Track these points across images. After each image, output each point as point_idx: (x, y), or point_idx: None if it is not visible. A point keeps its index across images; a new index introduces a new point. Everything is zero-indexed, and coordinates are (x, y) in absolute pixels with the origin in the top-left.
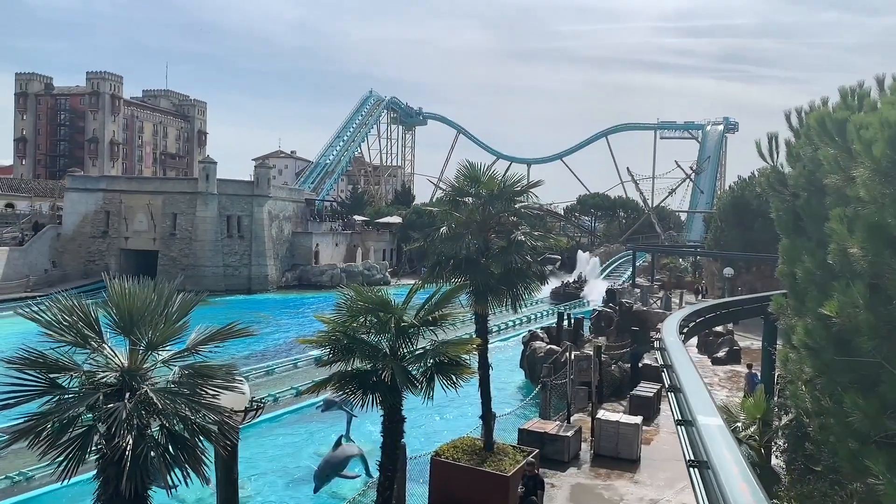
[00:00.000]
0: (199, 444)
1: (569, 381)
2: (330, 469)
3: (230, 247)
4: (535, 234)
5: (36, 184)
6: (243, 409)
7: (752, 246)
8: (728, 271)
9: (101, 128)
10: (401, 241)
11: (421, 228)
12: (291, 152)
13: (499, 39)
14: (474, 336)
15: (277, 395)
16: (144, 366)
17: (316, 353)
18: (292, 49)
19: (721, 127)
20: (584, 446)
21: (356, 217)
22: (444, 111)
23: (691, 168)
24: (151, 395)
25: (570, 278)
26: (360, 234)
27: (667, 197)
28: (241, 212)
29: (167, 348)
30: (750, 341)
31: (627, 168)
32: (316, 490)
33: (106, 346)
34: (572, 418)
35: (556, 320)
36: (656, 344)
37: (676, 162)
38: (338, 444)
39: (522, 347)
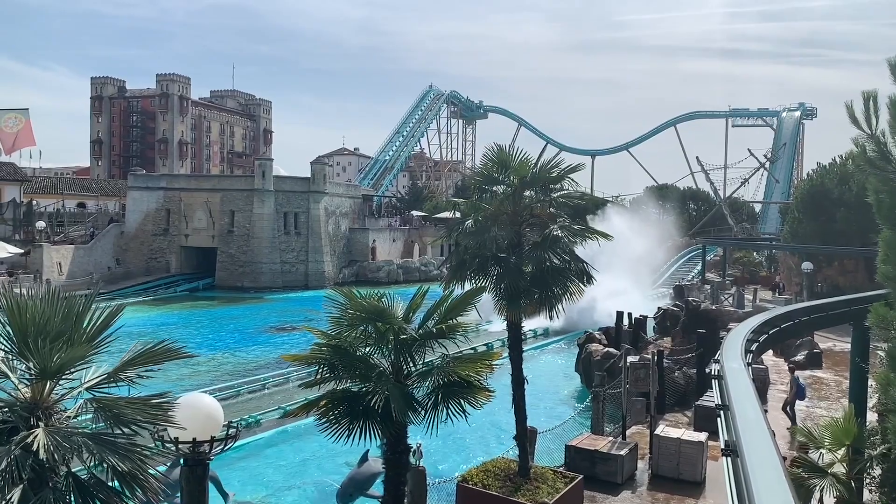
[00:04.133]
0: (128, 492)
1: (623, 392)
2: (354, 487)
3: (287, 243)
4: (575, 227)
5: (105, 183)
6: (209, 438)
7: (834, 238)
8: (807, 266)
9: (170, 128)
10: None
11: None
12: (355, 149)
13: (562, 32)
14: (506, 345)
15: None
16: (52, 397)
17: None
18: (356, 48)
19: (797, 113)
20: (641, 465)
21: (414, 212)
22: (506, 106)
23: (765, 156)
24: (41, 437)
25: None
26: (417, 230)
27: (739, 187)
28: (297, 208)
29: (69, 377)
30: (832, 342)
31: (697, 158)
32: None
33: (11, 375)
34: (629, 432)
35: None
36: (713, 368)
37: (750, 150)
38: (364, 458)
39: (578, 350)
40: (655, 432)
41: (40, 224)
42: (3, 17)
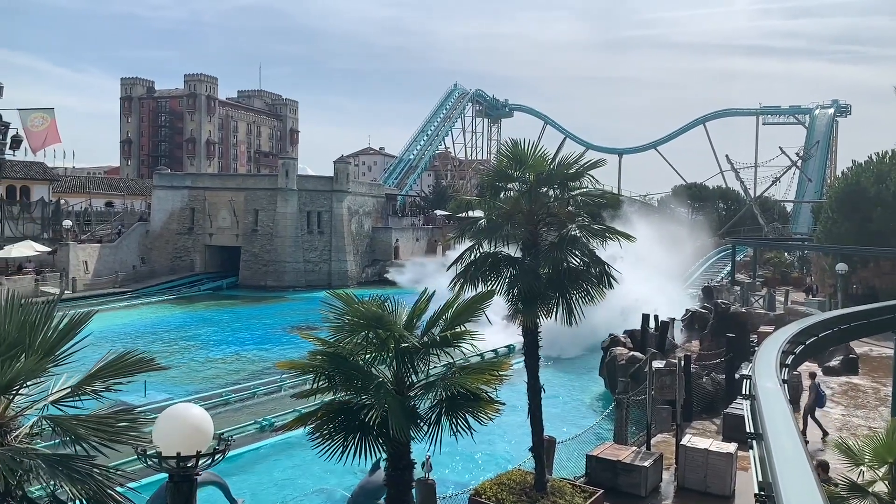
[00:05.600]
0: None
1: (648, 399)
2: (365, 497)
3: (310, 242)
4: (595, 227)
5: (132, 182)
6: (195, 453)
7: (869, 238)
8: (841, 267)
9: (197, 128)
10: None
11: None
12: (380, 149)
13: (591, 30)
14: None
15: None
16: (8, 413)
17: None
18: (382, 48)
19: (831, 110)
20: (667, 476)
21: (437, 212)
22: (533, 104)
23: (797, 155)
24: None
25: None
26: (440, 229)
27: (770, 186)
28: (321, 207)
29: (28, 391)
30: (868, 347)
31: (727, 156)
32: None
33: None
34: (653, 441)
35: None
36: (744, 386)
37: (781, 148)
38: (376, 466)
39: (602, 353)
40: (682, 442)
41: (67, 223)
42: (37, 20)
